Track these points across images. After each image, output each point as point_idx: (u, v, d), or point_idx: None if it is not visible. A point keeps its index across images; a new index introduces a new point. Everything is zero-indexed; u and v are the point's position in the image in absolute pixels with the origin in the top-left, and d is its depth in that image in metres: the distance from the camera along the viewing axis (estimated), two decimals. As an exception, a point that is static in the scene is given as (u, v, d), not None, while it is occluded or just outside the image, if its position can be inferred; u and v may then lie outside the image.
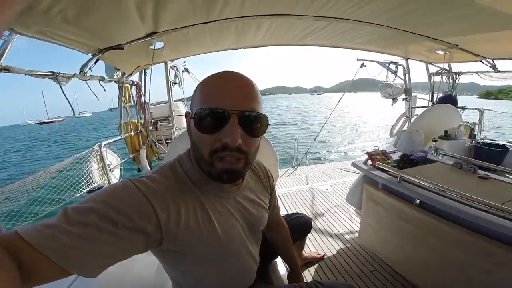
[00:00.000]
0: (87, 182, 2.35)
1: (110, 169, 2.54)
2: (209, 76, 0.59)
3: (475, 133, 3.03)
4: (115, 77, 2.45)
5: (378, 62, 3.71)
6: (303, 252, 1.76)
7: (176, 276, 0.68)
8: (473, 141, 2.65)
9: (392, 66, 3.68)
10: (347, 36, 2.47)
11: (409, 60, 3.61)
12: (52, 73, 1.57)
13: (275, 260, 1.30)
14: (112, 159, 2.77)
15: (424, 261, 1.46)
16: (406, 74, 3.70)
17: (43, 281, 0.40)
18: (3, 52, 1.21)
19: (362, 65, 3.69)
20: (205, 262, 0.62)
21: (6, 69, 1.26)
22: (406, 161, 1.82)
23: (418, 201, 1.46)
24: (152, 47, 2.08)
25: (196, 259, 0.60)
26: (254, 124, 0.56)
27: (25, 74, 1.41)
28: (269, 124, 0.61)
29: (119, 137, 2.85)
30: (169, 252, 0.58)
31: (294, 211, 2.21)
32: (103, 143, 2.45)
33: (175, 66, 3.27)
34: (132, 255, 0.50)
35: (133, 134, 3.07)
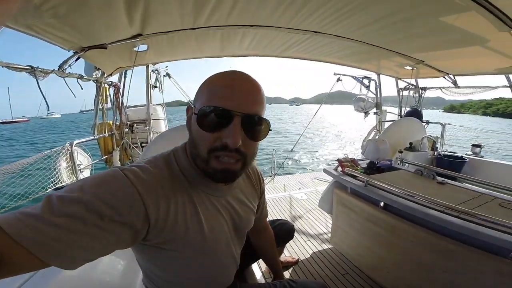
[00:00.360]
0: (54, 181, 2.24)
1: (80, 169, 2.43)
2: (217, 74, 0.58)
3: (437, 145, 3.33)
4: (94, 76, 2.39)
5: (353, 77, 3.95)
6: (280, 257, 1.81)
7: (152, 270, 0.66)
8: (435, 153, 2.93)
9: (366, 81, 3.94)
10: (325, 50, 2.64)
11: (380, 75, 3.90)
12: (30, 67, 1.52)
13: (252, 264, 1.31)
14: (83, 159, 2.66)
15: (392, 262, 1.53)
16: (378, 89, 3.99)
17: (19, 271, 0.39)
18: None
19: (338, 79, 3.92)
20: (186, 258, 0.61)
21: (-17, 60, 1.21)
22: (373, 168, 1.96)
23: (382, 204, 1.57)
24: (136, 49, 2.08)
25: (178, 254, 0.59)
26: (256, 127, 0.56)
27: (2, 67, 1.35)
28: (271, 130, 0.60)
29: (92, 137, 2.76)
30: (151, 246, 0.56)
31: (273, 218, 2.27)
32: (75, 142, 2.36)
33: (157, 70, 3.25)
34: (117, 249, 0.48)
35: (106, 135, 2.98)
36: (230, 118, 0.52)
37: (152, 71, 3.12)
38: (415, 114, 3.54)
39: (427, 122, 3.80)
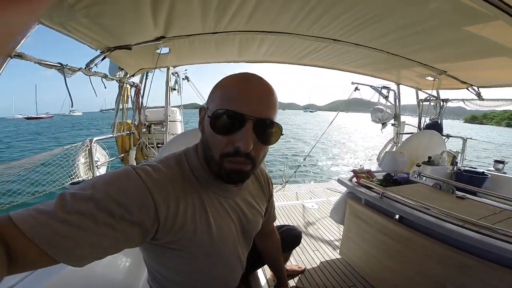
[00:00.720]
0: (71, 176, 2.34)
1: (97, 166, 2.53)
2: (231, 76, 0.58)
3: (457, 160, 3.18)
4: (117, 76, 2.51)
5: (371, 86, 3.88)
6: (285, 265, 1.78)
7: (157, 269, 0.66)
8: (455, 168, 2.80)
9: (384, 91, 3.84)
10: (343, 58, 2.62)
11: (400, 85, 3.79)
12: (59, 65, 1.62)
13: (257, 269, 1.29)
14: (101, 156, 2.76)
15: (403, 276, 1.49)
16: (397, 100, 3.87)
17: (29, 268, 0.40)
18: (21, 39, 1.25)
19: (356, 89, 3.86)
20: (193, 258, 0.62)
21: (19, 56, 1.31)
22: (390, 181, 1.91)
23: (397, 216, 1.53)
24: (158, 51, 2.16)
25: (185, 254, 0.60)
26: (268, 132, 0.56)
27: (35, 63, 1.45)
28: (283, 134, 0.60)
29: (111, 135, 2.87)
30: (159, 246, 0.57)
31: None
32: (94, 139, 2.46)
33: (176, 73, 3.36)
34: (125, 248, 0.49)
35: (125, 134, 3.09)
36: (243, 122, 0.53)
37: (172, 73, 3.23)
38: (435, 127, 3.40)
39: (448, 136, 3.65)
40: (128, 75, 2.70)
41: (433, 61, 2.47)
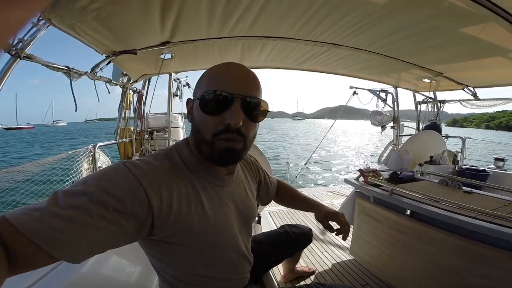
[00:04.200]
0: (74, 181, 2.31)
1: (100, 171, 2.50)
2: (215, 66, 0.63)
3: (458, 159, 3.23)
4: (120, 81, 2.52)
5: (369, 90, 3.96)
6: (296, 265, 1.74)
7: (165, 271, 0.65)
8: (456, 166, 2.83)
9: (382, 94, 3.93)
10: (343, 62, 2.68)
11: (398, 88, 3.87)
12: (66, 68, 1.64)
13: (270, 269, 1.28)
14: (104, 162, 2.74)
15: (419, 270, 1.48)
16: (395, 102, 3.95)
17: (30, 267, 0.40)
18: (31, 40, 1.28)
19: (354, 93, 3.95)
20: (196, 252, 0.61)
21: (28, 57, 1.32)
22: (396, 179, 1.93)
23: (409, 212, 1.54)
24: (162, 56, 2.19)
25: (184, 248, 0.59)
26: (255, 109, 0.60)
27: (43, 65, 1.46)
28: (268, 111, 0.65)
29: (114, 141, 2.86)
30: (158, 241, 0.57)
31: None
32: (98, 145, 2.46)
33: (178, 79, 3.39)
34: (122, 243, 0.49)
35: (127, 140, 3.08)
36: (231, 100, 0.56)
37: (174, 79, 3.26)
38: (434, 128, 3.47)
39: (447, 136, 3.71)
40: (132, 81, 2.72)
41: (430, 63, 2.54)
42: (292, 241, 1.28)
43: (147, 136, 3.32)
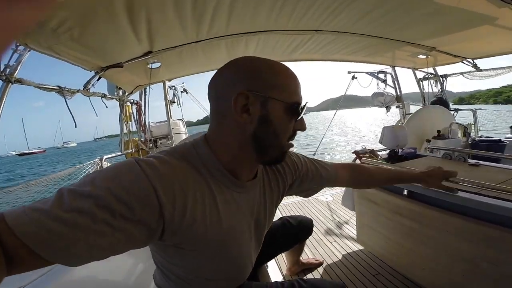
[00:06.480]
0: (81, 178, 2.41)
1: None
2: (282, 65, 0.62)
3: (470, 131, 3.05)
4: (116, 95, 2.62)
5: (367, 73, 3.85)
6: (301, 258, 1.73)
7: (165, 266, 0.64)
8: (468, 139, 2.67)
9: (381, 76, 3.80)
10: (331, 47, 2.62)
11: (396, 68, 3.75)
12: (58, 87, 1.72)
13: (266, 263, 1.26)
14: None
15: (427, 257, 1.37)
16: (396, 82, 3.81)
17: (26, 268, 0.38)
18: (17, 65, 1.36)
19: (353, 77, 3.84)
20: (203, 258, 0.60)
21: (19, 81, 1.41)
22: (395, 157, 1.83)
23: (406, 192, 1.45)
24: (150, 66, 2.24)
25: (193, 252, 0.57)
26: None
27: (35, 87, 1.55)
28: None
29: (120, 153, 2.98)
30: (168, 245, 0.55)
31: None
32: (104, 157, 2.55)
33: (173, 86, 3.47)
34: (129, 249, 0.46)
35: (133, 151, 3.18)
36: (303, 109, 0.61)
37: (169, 87, 3.34)
38: (441, 102, 3.27)
39: (456, 110, 3.52)
40: (127, 93, 2.81)
41: (419, 38, 2.44)
42: (292, 232, 1.27)
43: (151, 144, 3.43)
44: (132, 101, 3.06)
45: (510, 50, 2.62)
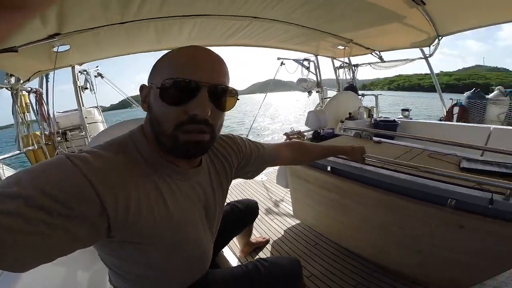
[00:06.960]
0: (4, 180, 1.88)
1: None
2: (177, 49, 0.55)
3: (373, 113, 3.80)
4: (6, 83, 2.00)
5: (294, 60, 4.19)
6: (250, 238, 1.80)
7: (120, 267, 0.60)
8: (372, 120, 3.33)
9: (306, 63, 4.23)
10: (267, 34, 2.70)
11: (318, 56, 4.21)
12: None
13: (222, 249, 1.29)
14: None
15: (352, 226, 1.58)
16: (317, 69, 4.33)
17: None
18: None
19: (282, 63, 4.14)
20: (156, 251, 0.57)
21: None
22: (317, 137, 2.05)
23: (329, 168, 1.60)
24: (55, 49, 1.80)
25: (147, 247, 0.55)
26: (224, 97, 0.56)
27: None
28: (238, 99, 0.60)
29: (18, 152, 2.38)
30: (116, 242, 0.52)
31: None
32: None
33: (85, 71, 2.89)
34: (75, 249, 0.43)
35: (36, 147, 2.59)
36: (197, 89, 0.51)
37: (79, 72, 2.76)
38: (352, 88, 3.94)
39: (363, 95, 4.27)
40: (22, 81, 2.20)
41: (342, 31, 2.77)
42: (241, 216, 1.31)
43: (60, 138, 2.84)
44: (29, 89, 2.40)
45: (411, 45, 3.25)
